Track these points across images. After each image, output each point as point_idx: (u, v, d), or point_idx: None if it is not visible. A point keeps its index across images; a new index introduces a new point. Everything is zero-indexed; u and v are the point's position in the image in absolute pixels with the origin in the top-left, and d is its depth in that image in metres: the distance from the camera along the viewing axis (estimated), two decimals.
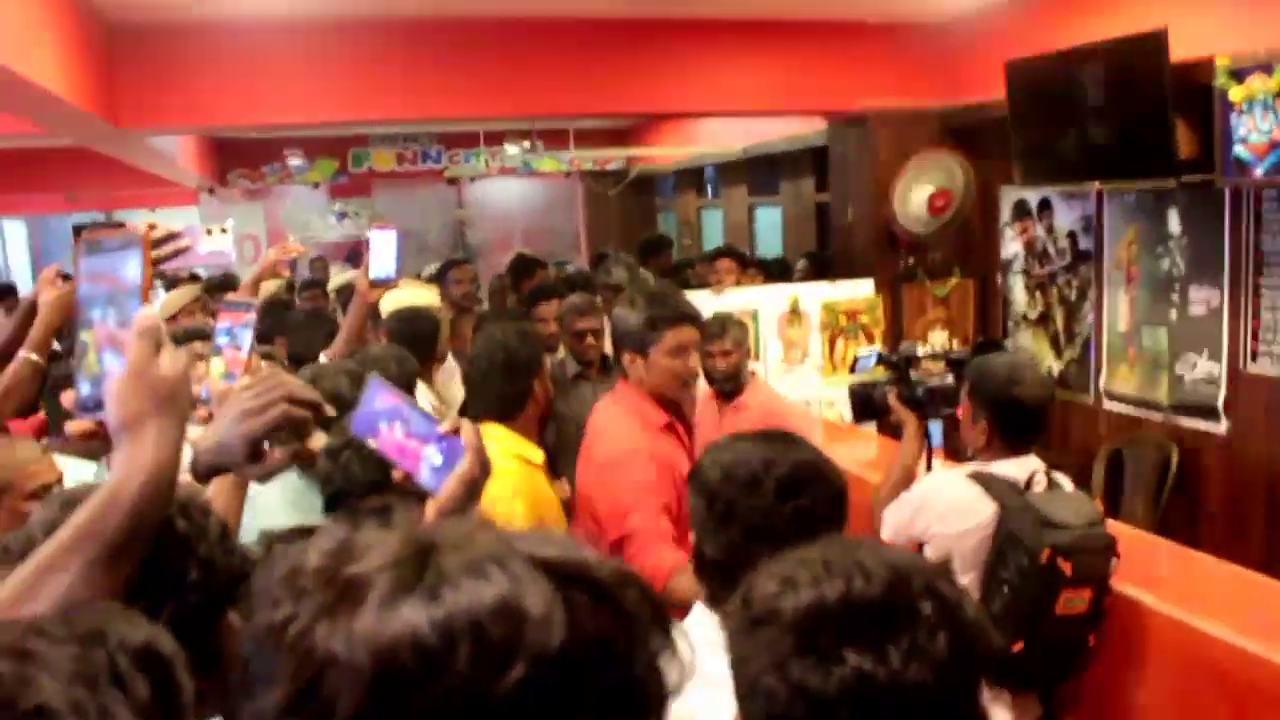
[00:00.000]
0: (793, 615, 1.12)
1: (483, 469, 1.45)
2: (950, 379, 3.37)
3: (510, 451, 2.89)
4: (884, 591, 1.11)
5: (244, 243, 12.17)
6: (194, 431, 1.37)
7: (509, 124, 9.49)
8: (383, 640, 0.64)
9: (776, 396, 4.42)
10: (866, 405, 3.51)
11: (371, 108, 6.08)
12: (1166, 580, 2.80)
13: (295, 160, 10.82)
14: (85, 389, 1.29)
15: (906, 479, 3.15)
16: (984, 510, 2.77)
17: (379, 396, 1.47)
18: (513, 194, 13.00)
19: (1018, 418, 2.93)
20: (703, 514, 1.83)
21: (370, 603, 0.66)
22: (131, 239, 1.30)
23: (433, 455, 1.46)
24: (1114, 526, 2.87)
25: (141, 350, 1.19)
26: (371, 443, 1.47)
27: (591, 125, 10.51)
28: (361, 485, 2.07)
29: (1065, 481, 2.89)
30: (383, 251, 3.24)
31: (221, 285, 6.08)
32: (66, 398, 1.41)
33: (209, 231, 1.90)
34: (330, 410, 1.48)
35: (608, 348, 4.26)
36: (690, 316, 3.02)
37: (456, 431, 1.46)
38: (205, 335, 3.26)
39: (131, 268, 1.29)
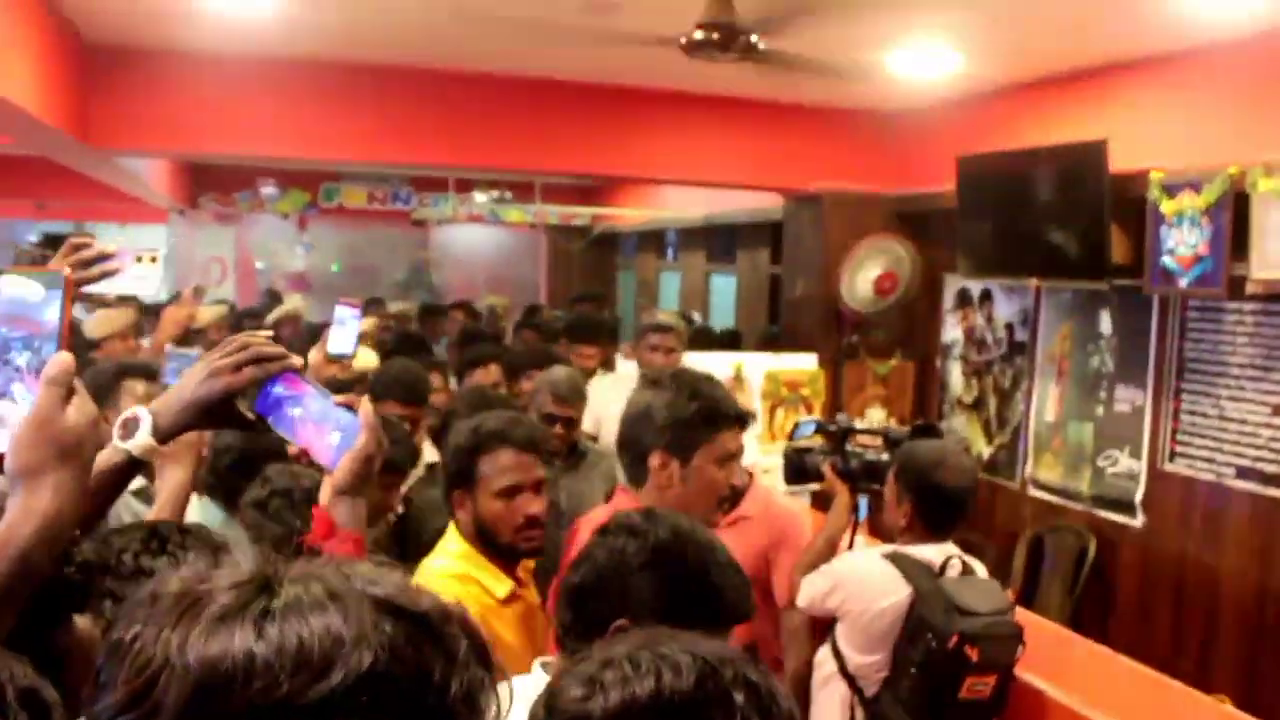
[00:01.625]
0: (602, 718, 1.06)
1: (379, 446, 1.46)
2: (885, 456, 3.38)
3: (454, 573, 2.30)
4: (695, 685, 1.06)
5: (210, 265, 12.10)
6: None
7: (479, 173, 9.53)
8: (211, 649, 0.70)
9: (772, 498, 3.14)
10: (799, 470, 3.47)
11: (340, 149, 6.08)
12: (1070, 672, 2.81)
13: (267, 189, 10.78)
14: None
15: (830, 549, 3.14)
16: (898, 592, 2.77)
17: (281, 381, 1.48)
18: (478, 241, 13.02)
19: (939, 504, 2.95)
20: None
21: (206, 616, 0.72)
22: (55, 279, 1.25)
23: (332, 435, 1.47)
24: (1026, 617, 2.89)
25: (49, 399, 1.14)
26: (274, 423, 1.48)
27: (558, 181, 10.56)
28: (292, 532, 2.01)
29: (979, 567, 2.91)
30: (345, 327, 3.18)
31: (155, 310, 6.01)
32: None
33: (139, 259, 1.89)
34: (298, 361, 1.49)
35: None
36: (745, 418, 2.51)
37: (353, 409, 1.47)
38: (152, 374, 3.19)
39: (51, 311, 1.24)
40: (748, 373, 6.07)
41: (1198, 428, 4.80)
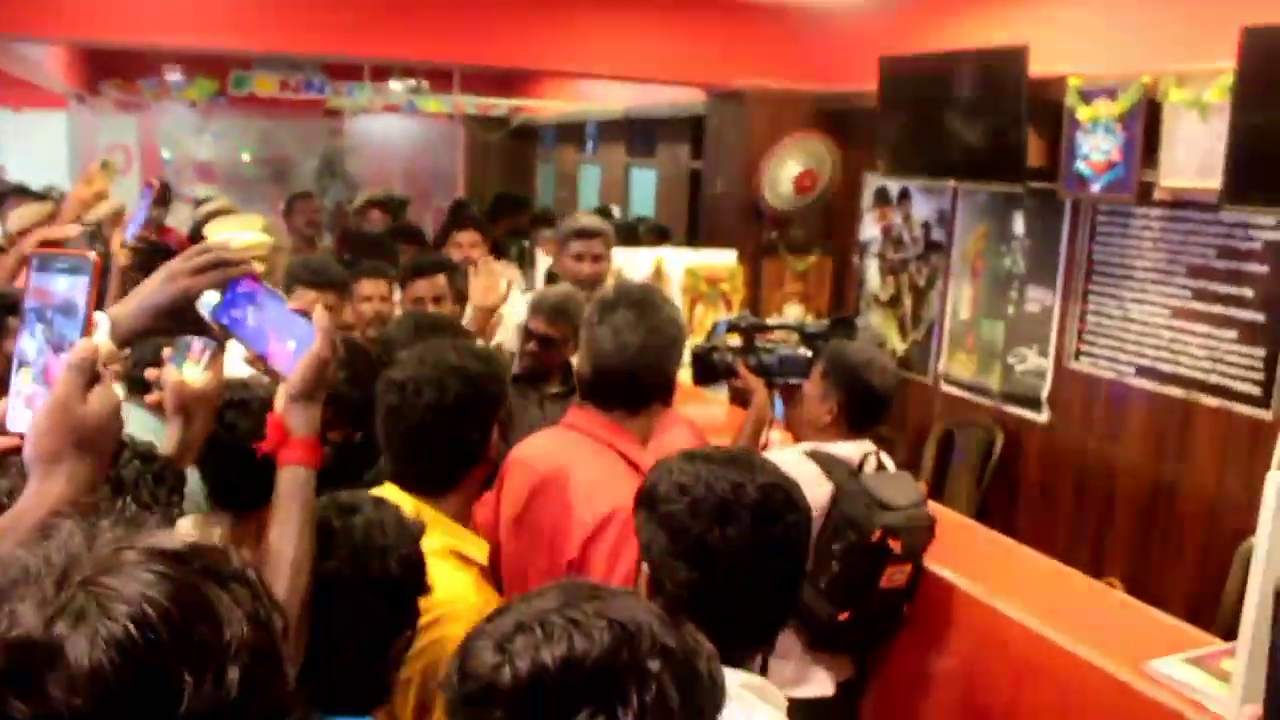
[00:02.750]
0: (512, 688, 1.02)
1: (334, 350, 1.46)
2: (802, 350, 3.39)
3: (438, 545, 1.89)
4: (608, 653, 1.01)
5: (115, 153, 11.64)
6: None
7: (396, 62, 9.25)
8: (9, 637, 0.75)
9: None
10: (707, 369, 3.45)
11: (249, 37, 5.84)
12: (975, 562, 2.92)
13: (173, 76, 10.33)
14: (15, 408, 1.22)
15: (754, 443, 3.18)
16: (821, 489, 2.84)
17: (240, 286, 1.47)
18: (395, 132, 12.68)
19: (867, 404, 3.02)
20: (664, 546, 1.60)
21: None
22: (83, 263, 1.23)
23: (289, 342, 1.47)
24: (936, 509, 2.99)
25: (70, 384, 1.13)
26: (231, 329, 1.47)
27: (477, 70, 10.31)
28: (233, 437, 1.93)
29: (889, 463, 3.00)
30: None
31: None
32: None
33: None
34: (260, 267, 1.50)
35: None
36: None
37: (307, 314, 1.46)
38: (12, 307, 2.54)
39: (79, 293, 1.22)
40: (668, 268, 6.09)
41: (1103, 328, 4.95)
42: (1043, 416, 5.25)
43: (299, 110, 11.47)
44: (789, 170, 6.24)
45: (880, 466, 2.95)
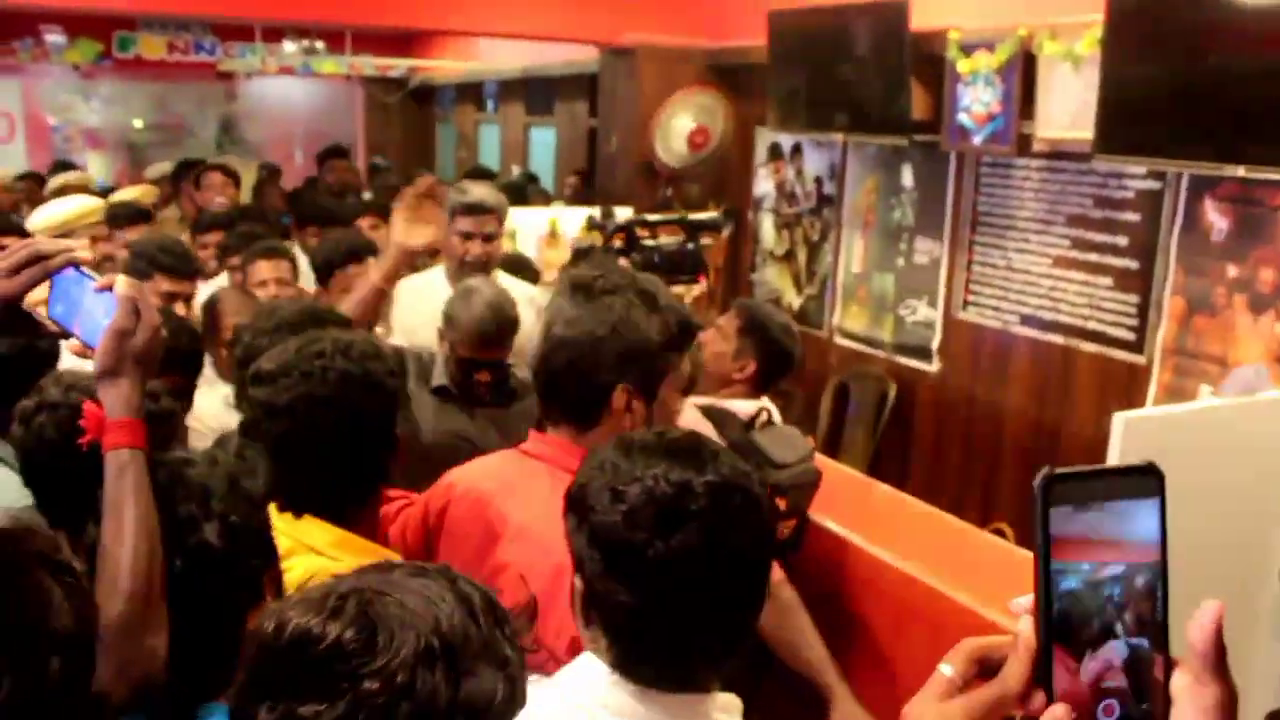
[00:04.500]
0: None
1: (140, 319, 1.39)
2: (691, 245, 3.23)
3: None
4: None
5: None
6: None
7: (285, 23, 8.96)
8: None
9: None
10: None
11: None
12: (865, 515, 2.93)
13: (53, 37, 9.87)
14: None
15: None
16: None
17: (66, 276, 1.43)
18: (291, 94, 12.32)
19: (780, 368, 3.02)
20: (598, 564, 1.34)
21: None
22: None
23: (100, 316, 1.41)
24: (826, 463, 3.00)
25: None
26: (61, 322, 1.44)
27: (373, 30, 10.05)
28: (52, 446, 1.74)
29: (777, 416, 2.99)
30: None
31: None
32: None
33: None
34: (86, 255, 1.45)
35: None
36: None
37: (111, 287, 1.40)
38: None
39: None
40: (563, 228, 6.01)
41: (987, 278, 5.00)
42: (933, 367, 5.30)
43: (190, 73, 11.07)
44: (681, 127, 6.18)
45: (769, 422, 2.93)
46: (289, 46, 9.99)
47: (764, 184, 6.41)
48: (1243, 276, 3.95)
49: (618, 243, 3.22)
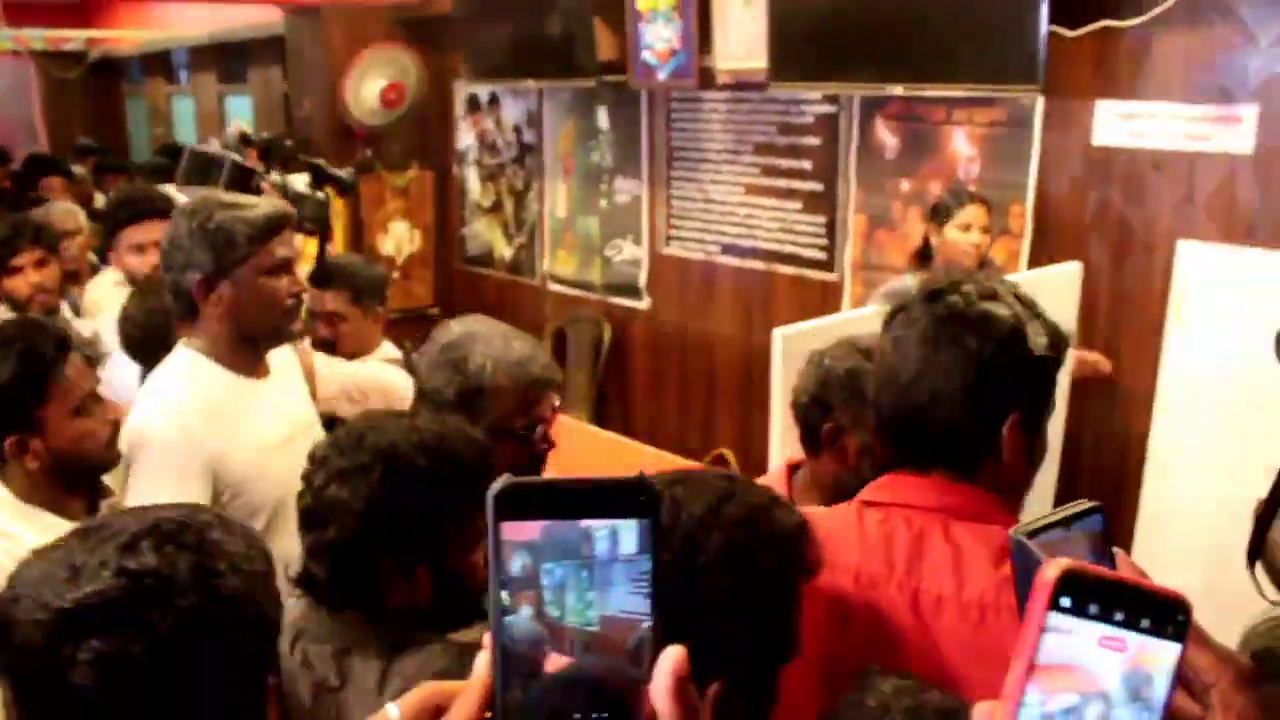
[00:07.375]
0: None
1: None
2: (321, 194, 3.10)
3: None
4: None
5: None
6: None
7: None
8: None
9: None
10: None
11: None
12: (590, 467, 2.84)
13: None
14: None
15: None
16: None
17: None
18: None
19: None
20: None
21: None
22: None
23: None
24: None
25: None
26: None
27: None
28: None
29: None
30: None
31: None
32: None
33: None
34: None
35: None
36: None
37: None
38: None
39: None
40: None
41: (687, 212, 4.98)
42: (643, 304, 5.26)
43: None
44: (373, 84, 5.83)
45: None
46: None
47: (465, 137, 6.17)
48: (915, 190, 4.07)
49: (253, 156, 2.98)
